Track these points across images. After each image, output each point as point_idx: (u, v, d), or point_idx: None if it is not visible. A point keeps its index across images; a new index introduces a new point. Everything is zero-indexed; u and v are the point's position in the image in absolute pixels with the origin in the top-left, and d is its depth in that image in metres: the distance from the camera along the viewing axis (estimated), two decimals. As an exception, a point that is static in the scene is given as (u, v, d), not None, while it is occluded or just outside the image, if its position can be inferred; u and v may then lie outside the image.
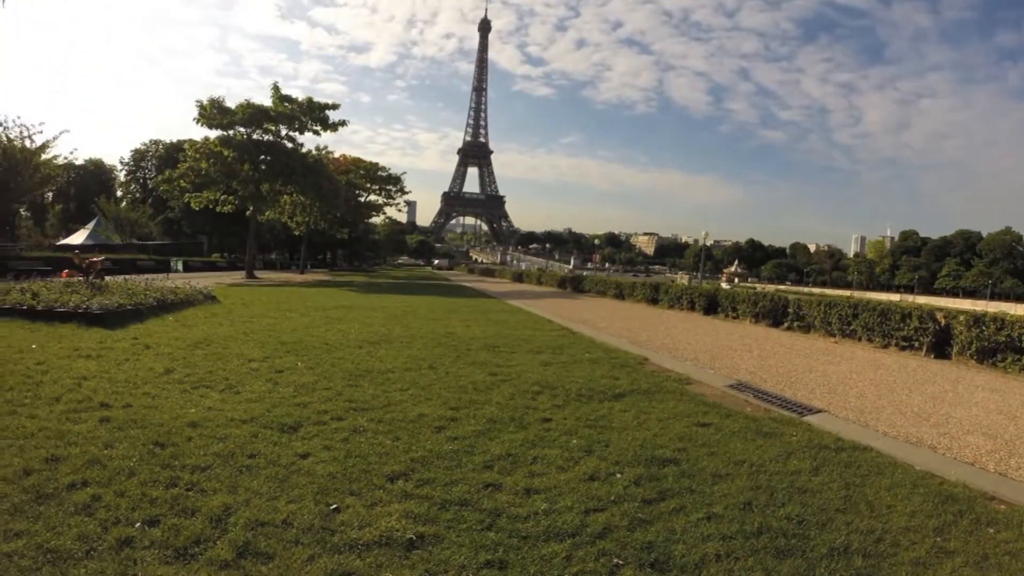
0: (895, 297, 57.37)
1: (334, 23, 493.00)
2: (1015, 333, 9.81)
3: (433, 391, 6.49)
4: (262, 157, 34.02)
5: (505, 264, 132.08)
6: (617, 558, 3.09)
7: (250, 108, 32.96)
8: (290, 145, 35.29)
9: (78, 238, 44.59)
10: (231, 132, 33.75)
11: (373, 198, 59.43)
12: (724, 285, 45.71)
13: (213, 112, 32.43)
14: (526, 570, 2.95)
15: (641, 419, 5.72)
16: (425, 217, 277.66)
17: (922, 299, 59.53)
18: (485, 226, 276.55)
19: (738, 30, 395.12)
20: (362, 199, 57.35)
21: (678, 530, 3.41)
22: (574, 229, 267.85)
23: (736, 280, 79.40)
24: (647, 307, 22.27)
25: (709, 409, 6.26)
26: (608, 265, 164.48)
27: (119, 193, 66.15)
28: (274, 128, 34.52)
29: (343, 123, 35.62)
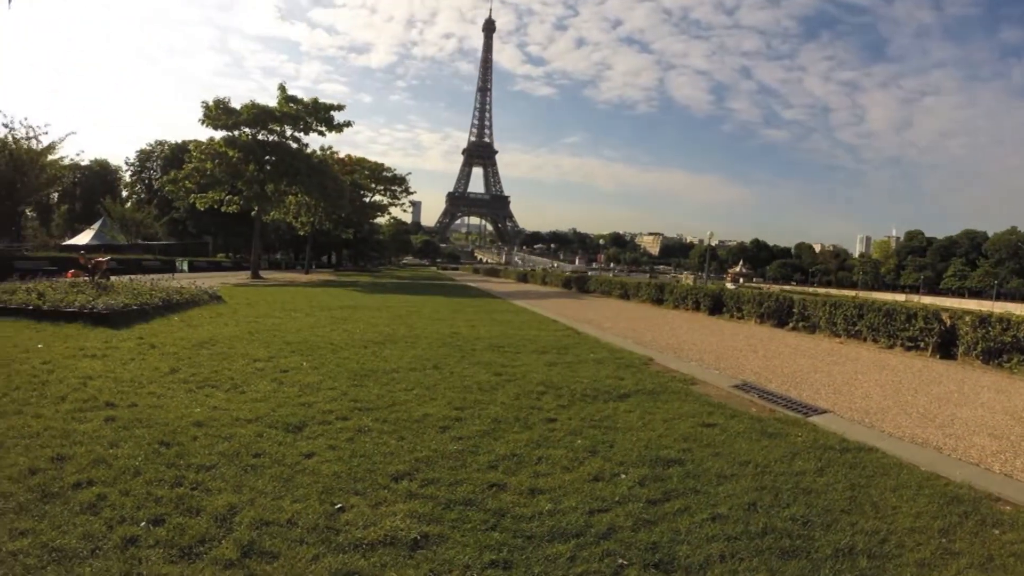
0: (900, 297, 57.08)
1: (333, 24, 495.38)
2: (1021, 333, 9.75)
3: (438, 391, 6.49)
4: (267, 157, 34.08)
5: (510, 264, 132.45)
6: (621, 558, 3.09)
7: (255, 109, 33.05)
8: (295, 146, 35.34)
9: (84, 238, 44.91)
10: (236, 133, 33.83)
11: (378, 198, 59.64)
12: (729, 285, 45.54)
13: (218, 113, 32.53)
14: (530, 570, 2.95)
15: (646, 419, 5.71)
16: (429, 217, 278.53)
17: (927, 299, 59.30)
18: (490, 226, 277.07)
19: (738, 28, 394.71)
20: (367, 199, 57.46)
21: (683, 531, 3.41)
22: (579, 229, 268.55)
23: (741, 280, 79.10)
24: (652, 307, 22.22)
25: (714, 409, 6.24)
26: (613, 265, 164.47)
27: (124, 194, 66.50)
28: (279, 129, 34.58)
29: (348, 124, 35.73)
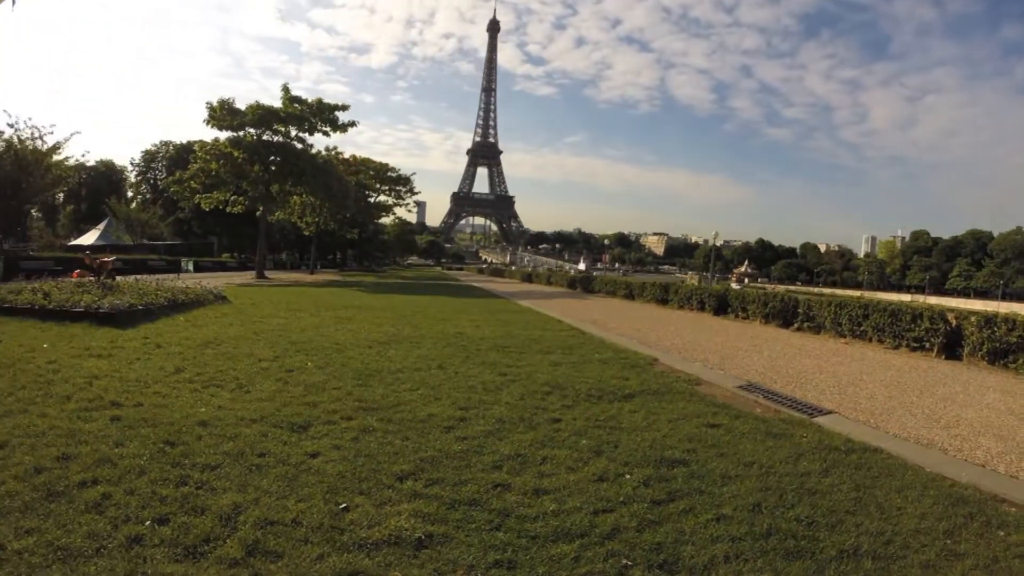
0: (906, 297, 56.96)
1: (333, 24, 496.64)
2: (1028, 334, 9.69)
3: (442, 391, 6.49)
4: (272, 158, 34.16)
5: (515, 264, 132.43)
6: (626, 559, 3.08)
7: (260, 109, 33.14)
8: (300, 146, 35.43)
9: (89, 238, 44.98)
10: (241, 133, 33.94)
11: (383, 198, 59.82)
12: (734, 285, 45.43)
13: (223, 113, 32.63)
14: (535, 570, 2.95)
15: (651, 420, 5.70)
16: (434, 218, 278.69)
17: (933, 299, 58.94)
18: (495, 226, 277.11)
19: (738, 26, 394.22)
20: (372, 199, 57.63)
21: (687, 531, 3.40)
22: (584, 229, 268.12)
23: (746, 280, 78.81)
24: (657, 307, 22.18)
25: (719, 410, 6.23)
26: (618, 265, 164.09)
27: (130, 194, 66.70)
28: (284, 129, 34.66)
29: (352, 124, 35.81)
